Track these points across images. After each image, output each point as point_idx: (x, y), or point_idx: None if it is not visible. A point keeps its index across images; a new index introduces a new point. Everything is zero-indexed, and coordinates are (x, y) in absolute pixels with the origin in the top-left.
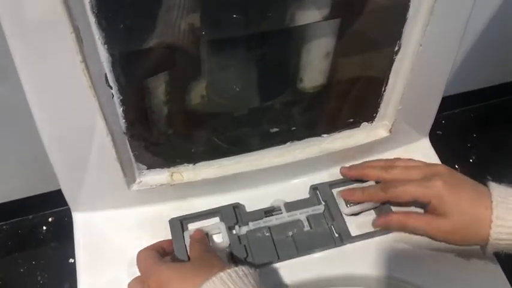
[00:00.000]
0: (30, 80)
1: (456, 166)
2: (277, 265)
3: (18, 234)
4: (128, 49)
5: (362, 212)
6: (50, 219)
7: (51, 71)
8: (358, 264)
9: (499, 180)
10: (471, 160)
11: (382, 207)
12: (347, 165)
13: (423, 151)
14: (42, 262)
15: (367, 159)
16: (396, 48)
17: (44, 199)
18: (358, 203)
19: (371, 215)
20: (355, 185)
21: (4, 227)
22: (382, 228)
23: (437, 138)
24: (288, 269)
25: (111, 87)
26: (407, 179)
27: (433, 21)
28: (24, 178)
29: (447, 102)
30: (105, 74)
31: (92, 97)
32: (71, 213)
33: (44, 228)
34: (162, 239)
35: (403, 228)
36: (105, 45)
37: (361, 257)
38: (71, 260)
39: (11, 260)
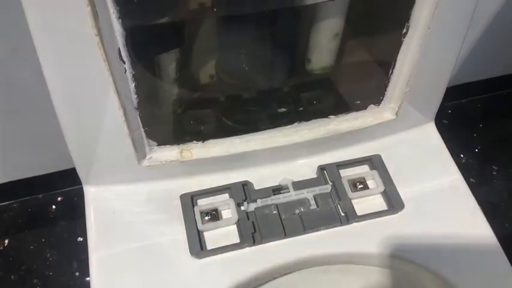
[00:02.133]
0: (47, 54)
1: (461, 155)
2: (284, 241)
3: (28, 212)
4: (140, 24)
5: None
6: (59, 199)
7: (68, 44)
8: (363, 243)
9: (504, 170)
10: (476, 150)
11: (389, 192)
12: (355, 146)
13: (429, 135)
14: (51, 240)
15: (374, 141)
16: (404, 31)
17: (53, 178)
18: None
19: (378, 198)
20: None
21: (14, 205)
22: None
23: (443, 128)
24: (294, 246)
25: (124, 62)
26: None
27: (441, 4)
28: (35, 157)
29: (454, 92)
30: (119, 48)
31: (106, 71)
32: (80, 193)
33: (54, 207)
34: (171, 214)
35: None
36: (119, 20)
37: (367, 236)
38: (80, 239)
39: (21, 237)
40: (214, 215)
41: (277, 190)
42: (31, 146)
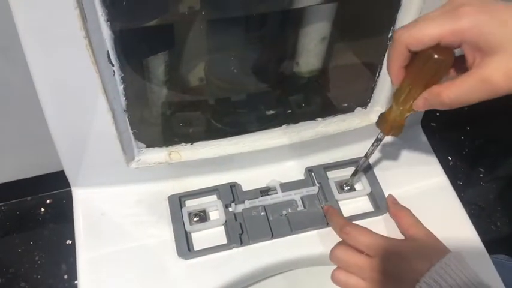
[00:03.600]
0: (35, 55)
1: (449, 158)
2: (271, 242)
3: (17, 215)
4: (129, 27)
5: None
6: (48, 201)
7: (56, 47)
8: None
9: (491, 173)
10: (464, 152)
11: (375, 193)
12: (342, 148)
13: (415, 138)
14: (40, 243)
15: (361, 144)
16: (390, 35)
17: (42, 181)
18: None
19: (364, 200)
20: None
21: (2, 207)
22: (419, 109)
23: (431, 130)
24: (282, 247)
25: (112, 65)
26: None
27: (426, 8)
28: (23, 160)
29: None
30: (107, 51)
31: (94, 73)
32: (68, 195)
33: (42, 209)
34: (159, 216)
35: (447, 103)
36: (108, 22)
37: None
38: (68, 242)
39: (9, 240)
40: (202, 216)
41: (265, 191)
42: (19, 148)
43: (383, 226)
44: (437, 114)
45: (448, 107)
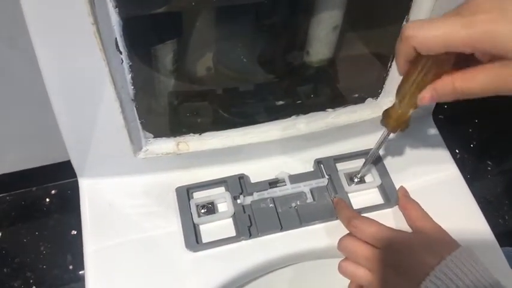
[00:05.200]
0: (42, 43)
1: (457, 151)
2: (280, 235)
3: (22, 205)
4: (138, 13)
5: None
6: (53, 192)
7: (64, 34)
8: None
9: (499, 166)
10: (472, 145)
11: (385, 185)
12: (352, 139)
13: (426, 129)
14: (45, 233)
15: (372, 135)
16: (404, 23)
17: (47, 171)
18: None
19: (374, 192)
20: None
21: (8, 198)
22: (426, 103)
23: (439, 123)
24: (291, 239)
25: (120, 53)
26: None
27: None
28: (29, 150)
29: None
30: (116, 38)
31: (102, 61)
32: (74, 186)
33: (47, 200)
34: (166, 207)
35: (458, 94)
36: (116, 9)
37: None
38: (74, 232)
39: (15, 230)
40: (210, 208)
41: (273, 183)
42: (25, 138)
43: (393, 218)
44: (445, 106)
45: (459, 97)
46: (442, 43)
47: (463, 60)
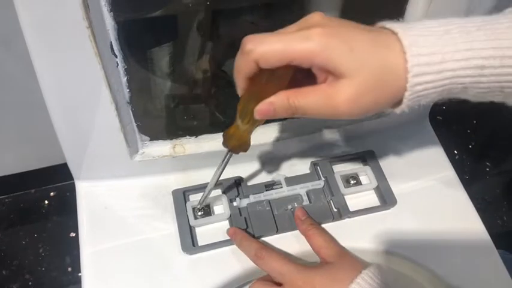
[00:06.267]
0: (38, 47)
1: (455, 152)
2: (276, 237)
3: (20, 207)
4: (133, 17)
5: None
6: (51, 194)
7: (59, 37)
8: (355, 239)
9: (497, 167)
10: (470, 146)
11: (382, 187)
12: (348, 141)
13: (423, 131)
14: (44, 235)
15: (368, 137)
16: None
17: (46, 174)
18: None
19: (371, 194)
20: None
21: (6, 200)
22: (262, 117)
23: (437, 124)
24: (287, 242)
25: (116, 56)
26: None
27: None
28: (27, 152)
29: None
30: (111, 42)
31: (97, 64)
32: (72, 188)
33: (46, 202)
34: (163, 209)
35: (292, 109)
36: (111, 13)
37: (359, 232)
38: (72, 234)
39: (13, 232)
40: (206, 210)
41: (269, 186)
42: (23, 141)
43: (390, 220)
44: (444, 107)
45: (296, 114)
46: (281, 56)
47: (306, 78)
